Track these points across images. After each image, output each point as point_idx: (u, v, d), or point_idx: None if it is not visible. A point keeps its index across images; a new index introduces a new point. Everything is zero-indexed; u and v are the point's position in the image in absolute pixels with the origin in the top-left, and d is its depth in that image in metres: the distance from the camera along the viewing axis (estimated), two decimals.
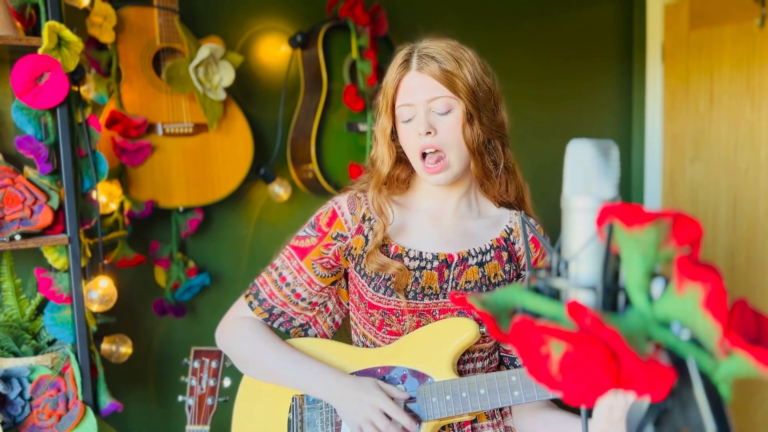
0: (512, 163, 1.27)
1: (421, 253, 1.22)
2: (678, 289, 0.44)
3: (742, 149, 2.49)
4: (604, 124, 2.95)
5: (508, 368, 1.29)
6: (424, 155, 1.18)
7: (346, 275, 1.32)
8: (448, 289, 1.21)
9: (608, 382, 0.43)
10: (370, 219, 1.24)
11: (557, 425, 1.19)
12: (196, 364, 1.57)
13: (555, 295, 0.51)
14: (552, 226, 1.11)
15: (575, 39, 2.81)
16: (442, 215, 1.26)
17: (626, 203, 0.46)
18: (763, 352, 0.41)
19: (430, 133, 1.16)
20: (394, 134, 1.24)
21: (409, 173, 1.28)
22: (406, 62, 1.20)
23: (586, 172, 0.52)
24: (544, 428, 1.22)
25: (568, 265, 0.51)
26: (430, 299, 1.21)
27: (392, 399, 1.17)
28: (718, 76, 2.58)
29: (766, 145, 2.40)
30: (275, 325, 1.31)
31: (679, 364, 0.45)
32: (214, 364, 1.56)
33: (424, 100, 1.17)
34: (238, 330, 1.30)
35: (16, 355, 1.68)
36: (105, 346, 1.86)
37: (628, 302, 0.48)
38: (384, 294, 1.21)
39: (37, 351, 1.71)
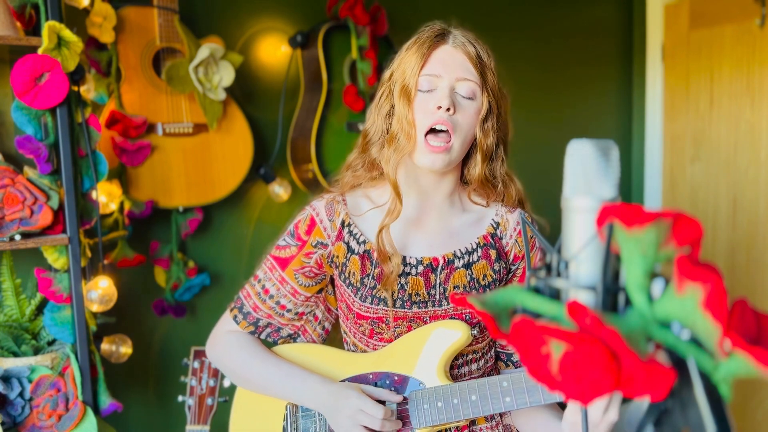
0: (510, 173, 1.24)
1: (404, 258, 1.18)
2: (678, 289, 0.44)
3: (742, 149, 2.49)
4: (604, 124, 2.95)
5: (506, 364, 1.28)
6: (429, 133, 1.12)
7: (332, 282, 1.29)
8: (437, 296, 1.18)
9: (608, 382, 0.43)
10: (349, 225, 1.21)
11: (555, 423, 1.19)
12: (196, 364, 1.57)
13: (555, 295, 0.51)
14: (552, 226, 1.11)
15: (575, 40, 2.81)
16: (425, 217, 1.22)
17: (626, 203, 0.46)
18: (763, 352, 0.41)
19: (450, 110, 1.11)
20: (391, 111, 1.18)
21: None
22: (442, 36, 1.16)
23: (586, 172, 0.52)
24: (544, 428, 1.21)
25: (568, 265, 0.51)
26: (419, 307, 1.17)
27: (383, 404, 1.15)
28: (718, 76, 2.58)
29: (766, 145, 2.40)
30: (262, 336, 1.29)
31: (679, 364, 0.45)
32: (214, 364, 1.56)
33: (454, 76, 1.13)
34: (224, 345, 1.28)
35: (16, 355, 1.68)
36: (105, 346, 1.86)
37: (628, 302, 0.48)
38: (371, 303, 1.18)
39: (37, 351, 1.71)
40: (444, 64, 1.14)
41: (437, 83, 1.14)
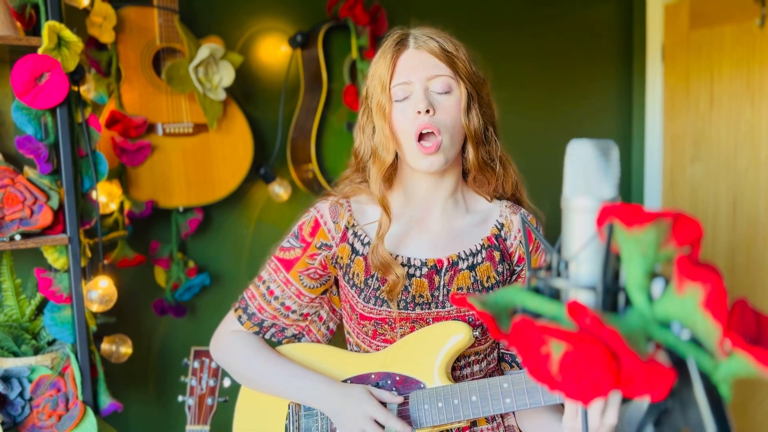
0: (505, 155, 1.24)
1: (409, 259, 1.18)
2: (678, 289, 0.44)
3: (742, 149, 2.49)
4: (605, 124, 2.95)
5: (510, 365, 1.28)
6: (419, 138, 1.12)
7: (336, 282, 1.29)
8: (440, 297, 1.18)
9: (608, 382, 0.43)
10: (354, 226, 1.21)
11: (558, 425, 1.18)
12: (196, 364, 1.57)
13: (555, 295, 0.51)
14: (552, 226, 1.11)
15: (575, 40, 2.81)
16: (429, 217, 1.22)
17: (626, 203, 0.46)
18: (763, 352, 0.41)
19: (429, 111, 1.11)
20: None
21: (392, 171, 1.21)
22: (402, 41, 1.16)
23: (586, 172, 0.52)
24: (546, 429, 1.21)
25: (568, 265, 0.51)
26: (422, 309, 1.17)
27: (384, 405, 1.15)
28: (718, 76, 2.58)
29: (766, 145, 2.40)
30: (267, 336, 1.29)
31: (679, 364, 0.45)
32: (214, 364, 1.56)
33: (424, 77, 1.13)
34: (229, 345, 1.29)
35: (16, 355, 1.68)
36: (105, 346, 1.86)
37: (628, 302, 0.48)
38: (375, 305, 1.18)
39: (37, 351, 1.71)
40: (411, 68, 1.14)
41: (410, 89, 1.14)
